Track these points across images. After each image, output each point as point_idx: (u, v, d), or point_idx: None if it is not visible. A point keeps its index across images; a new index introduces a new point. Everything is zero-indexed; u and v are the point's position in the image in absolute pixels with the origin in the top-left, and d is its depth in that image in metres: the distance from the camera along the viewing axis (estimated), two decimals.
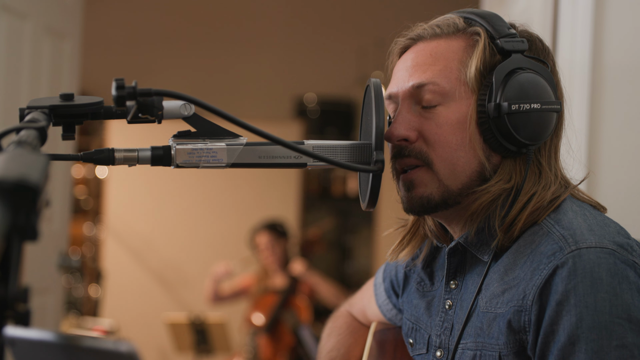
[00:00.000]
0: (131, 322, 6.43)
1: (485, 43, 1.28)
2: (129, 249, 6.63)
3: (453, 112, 1.28)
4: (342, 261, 7.44)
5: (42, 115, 1.09)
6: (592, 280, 1.14)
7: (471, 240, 1.32)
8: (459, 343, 1.30)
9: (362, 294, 1.76)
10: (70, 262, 3.84)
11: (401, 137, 1.31)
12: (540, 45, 1.35)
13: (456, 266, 1.37)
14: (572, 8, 2.20)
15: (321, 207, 7.36)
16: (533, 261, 1.21)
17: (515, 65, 1.27)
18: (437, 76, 1.29)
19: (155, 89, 1.10)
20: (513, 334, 1.20)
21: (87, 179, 7.17)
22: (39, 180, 0.78)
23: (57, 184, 3.78)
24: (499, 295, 1.24)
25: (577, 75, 2.14)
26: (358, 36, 6.59)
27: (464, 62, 1.29)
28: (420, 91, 1.30)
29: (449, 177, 1.29)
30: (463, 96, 1.28)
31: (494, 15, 1.33)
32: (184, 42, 6.87)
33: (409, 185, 1.32)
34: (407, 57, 1.35)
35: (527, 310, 1.19)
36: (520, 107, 1.25)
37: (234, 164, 1.25)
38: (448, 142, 1.28)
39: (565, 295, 1.14)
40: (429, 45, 1.33)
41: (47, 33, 3.63)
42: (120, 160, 1.21)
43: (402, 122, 1.31)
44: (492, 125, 1.26)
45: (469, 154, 1.28)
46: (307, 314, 4.86)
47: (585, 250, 1.16)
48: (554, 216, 1.25)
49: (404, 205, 1.35)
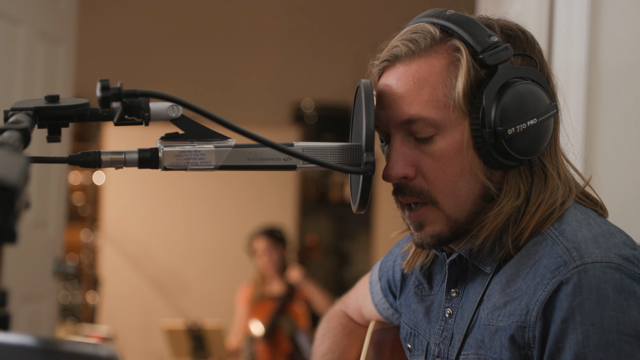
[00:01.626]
0: (128, 329, 6.41)
1: (468, 62, 1.22)
2: (126, 255, 6.61)
3: (448, 142, 1.24)
4: (340, 267, 7.42)
5: (26, 117, 1.07)
6: (598, 297, 1.11)
7: (475, 253, 1.29)
8: (460, 354, 1.28)
9: (356, 292, 1.73)
10: (65, 268, 3.82)
11: (400, 176, 1.27)
12: (524, 37, 1.29)
13: (457, 275, 1.35)
14: (568, 10, 2.19)
15: (319, 212, 7.35)
16: (536, 274, 1.18)
17: (503, 80, 1.22)
18: (424, 109, 1.24)
19: (141, 90, 1.08)
20: (518, 350, 1.18)
21: (84, 186, 7.15)
22: (17, 181, 0.76)
23: (52, 190, 3.76)
24: (501, 308, 1.22)
25: (573, 77, 2.13)
26: (355, 41, 6.58)
27: (449, 85, 1.23)
28: (411, 125, 1.26)
29: (454, 211, 1.26)
30: (455, 122, 1.24)
31: (470, 22, 1.25)
32: (180, 48, 6.87)
33: (418, 225, 1.29)
34: (388, 81, 1.29)
35: (531, 326, 1.16)
36: (517, 129, 1.21)
37: (222, 166, 1.23)
38: (448, 176, 1.25)
39: (570, 312, 1.12)
40: (409, 69, 1.26)
41: (41, 38, 3.61)
42: (106, 162, 1.19)
43: (398, 159, 1.27)
44: (490, 148, 1.22)
45: (470, 180, 1.25)
46: (305, 320, 4.84)
47: (591, 266, 1.13)
48: (558, 226, 1.22)
49: (416, 242, 1.32)
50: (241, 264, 6.01)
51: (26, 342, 0.76)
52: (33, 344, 0.75)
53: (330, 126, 7.05)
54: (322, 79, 7.00)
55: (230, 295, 5.62)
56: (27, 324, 3.55)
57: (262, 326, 4.86)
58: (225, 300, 6.02)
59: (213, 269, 6.61)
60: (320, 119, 7.10)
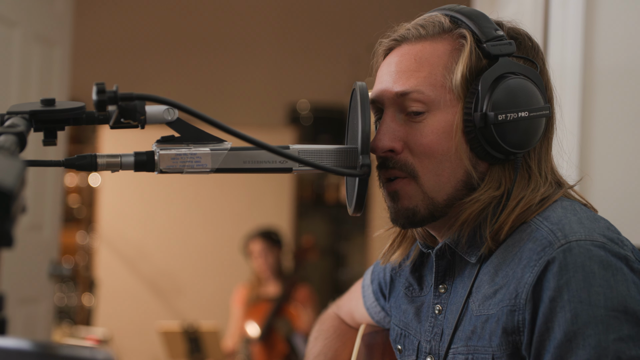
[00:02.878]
0: (124, 331, 6.40)
1: (471, 48, 1.25)
2: (122, 257, 6.61)
3: (439, 121, 1.26)
4: (336, 268, 7.42)
5: (22, 120, 1.07)
6: (584, 274, 1.12)
7: (459, 244, 1.30)
8: (450, 348, 1.28)
9: (350, 296, 1.73)
10: (61, 270, 3.81)
11: (386, 149, 1.28)
12: (530, 43, 1.32)
13: (445, 270, 1.35)
14: (563, 10, 2.19)
15: (314, 214, 7.35)
16: (522, 258, 1.19)
17: (502, 71, 1.24)
18: (421, 84, 1.26)
19: (137, 93, 1.08)
20: (506, 335, 1.18)
21: (80, 188, 7.15)
22: (13, 185, 0.76)
23: (47, 192, 3.75)
24: (491, 297, 1.22)
25: (568, 78, 2.14)
26: (350, 42, 6.59)
27: (449, 68, 1.26)
28: (405, 99, 1.27)
29: (433, 189, 1.27)
30: (449, 104, 1.26)
31: (480, 15, 1.29)
32: (176, 49, 6.86)
33: (394, 195, 1.30)
34: (391, 60, 1.33)
35: (520, 309, 1.17)
36: (507, 116, 1.22)
37: (218, 169, 1.23)
38: (434, 153, 1.26)
39: (558, 291, 1.13)
40: (414, 48, 1.30)
41: (37, 41, 3.61)
42: (102, 166, 1.19)
43: (387, 132, 1.29)
44: (479, 134, 1.24)
45: (454, 163, 1.26)
46: (301, 321, 4.84)
47: (575, 244, 1.14)
48: (543, 214, 1.23)
49: (391, 216, 1.33)
50: (237, 265, 6.01)
51: (23, 347, 0.76)
52: (30, 348, 0.75)
53: (325, 127, 7.05)
54: (318, 80, 7.00)
55: (226, 296, 5.62)
56: (23, 327, 3.54)
57: (258, 328, 4.86)
58: (221, 302, 6.01)
59: (209, 270, 6.61)
60: (316, 120, 7.10)
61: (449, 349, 1.28)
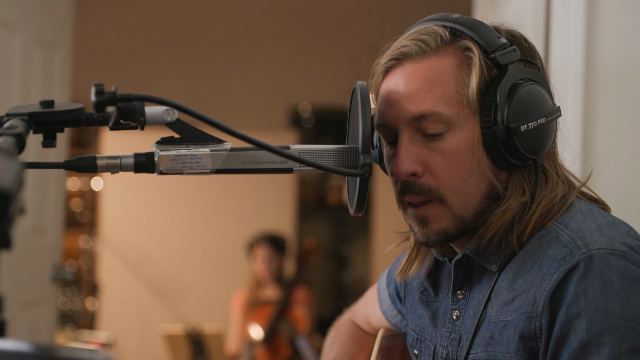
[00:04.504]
0: (128, 334, 6.40)
1: (480, 60, 1.23)
2: (125, 261, 6.61)
3: (459, 139, 1.24)
4: (339, 270, 7.42)
5: (20, 122, 1.07)
6: (602, 283, 1.12)
7: (479, 253, 1.29)
8: (469, 354, 1.27)
9: (365, 301, 1.72)
10: (64, 274, 3.81)
11: (409, 173, 1.26)
12: (526, 44, 1.31)
13: (463, 277, 1.34)
14: (564, 10, 2.19)
15: (317, 216, 7.35)
16: (542, 265, 1.18)
17: (514, 79, 1.23)
18: (437, 105, 1.24)
19: (136, 94, 1.08)
20: (523, 342, 1.18)
21: (82, 192, 7.15)
22: (11, 186, 0.75)
23: (50, 196, 3.75)
24: (509, 303, 1.22)
25: (570, 78, 2.13)
26: (351, 44, 6.59)
27: (460, 83, 1.24)
28: (422, 122, 1.25)
29: (461, 208, 1.25)
30: (466, 120, 1.24)
31: (479, 24, 1.27)
32: (177, 52, 6.87)
33: (422, 221, 1.28)
34: (397, 81, 1.28)
35: (537, 316, 1.16)
36: (529, 126, 1.22)
37: (218, 170, 1.22)
38: (457, 173, 1.24)
39: (575, 298, 1.12)
40: (420, 66, 1.26)
41: (38, 44, 3.61)
42: (102, 167, 1.19)
43: (407, 156, 1.26)
44: (500, 146, 1.23)
45: (478, 178, 1.24)
46: (304, 324, 4.84)
47: (596, 252, 1.14)
48: (562, 220, 1.22)
49: (420, 240, 1.30)
50: (240, 268, 6.01)
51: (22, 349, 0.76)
52: (29, 350, 0.75)
53: (327, 130, 7.05)
54: (319, 82, 7.00)
55: (230, 299, 5.62)
56: (27, 331, 3.54)
57: (261, 330, 4.86)
58: (225, 305, 6.01)
59: (212, 273, 6.60)
60: (318, 122, 7.11)
61: (469, 354, 1.27)
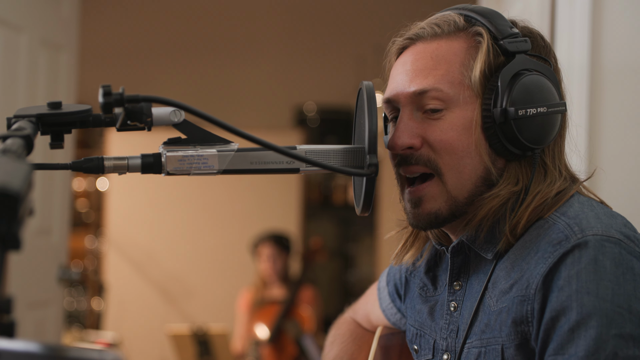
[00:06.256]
0: (134, 334, 6.41)
1: (488, 45, 1.26)
2: (130, 261, 6.62)
3: (457, 118, 1.26)
4: (345, 270, 7.42)
5: (28, 123, 1.07)
6: (595, 268, 1.13)
7: (476, 240, 1.30)
8: (465, 343, 1.28)
9: (365, 299, 1.73)
10: (70, 275, 3.82)
11: (405, 146, 1.28)
12: (542, 42, 1.33)
13: (460, 266, 1.35)
14: (570, 8, 2.19)
15: (322, 215, 7.35)
16: (538, 251, 1.20)
17: (519, 67, 1.25)
18: (439, 82, 1.27)
19: (143, 95, 1.08)
20: (515, 326, 1.19)
21: (88, 192, 7.17)
22: (20, 188, 0.76)
23: (56, 197, 3.76)
24: (507, 291, 1.22)
25: (575, 76, 2.13)
26: (356, 44, 6.59)
27: (466, 65, 1.27)
28: (423, 97, 1.28)
29: (456, 187, 1.27)
30: (467, 101, 1.26)
31: (494, 14, 1.30)
32: (182, 52, 6.87)
33: (417, 202, 1.30)
34: (406, 58, 1.32)
35: (530, 299, 1.17)
36: (527, 111, 1.23)
37: (225, 170, 1.23)
38: (454, 149, 1.26)
39: (567, 281, 1.13)
40: (430, 46, 1.30)
41: (43, 45, 3.62)
42: (109, 168, 1.19)
43: (405, 129, 1.29)
44: (498, 130, 1.24)
45: (475, 160, 1.26)
46: (310, 323, 4.84)
47: (592, 238, 1.15)
48: (560, 209, 1.23)
49: (410, 221, 1.32)
50: (246, 268, 6.01)
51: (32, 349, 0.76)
52: (39, 350, 0.75)
53: (332, 129, 7.05)
54: (324, 82, 7.00)
55: (235, 299, 5.62)
56: (33, 331, 3.55)
57: (267, 330, 4.86)
58: (230, 305, 6.01)
59: (218, 273, 6.61)
60: (323, 122, 7.11)
61: (464, 344, 1.28)
